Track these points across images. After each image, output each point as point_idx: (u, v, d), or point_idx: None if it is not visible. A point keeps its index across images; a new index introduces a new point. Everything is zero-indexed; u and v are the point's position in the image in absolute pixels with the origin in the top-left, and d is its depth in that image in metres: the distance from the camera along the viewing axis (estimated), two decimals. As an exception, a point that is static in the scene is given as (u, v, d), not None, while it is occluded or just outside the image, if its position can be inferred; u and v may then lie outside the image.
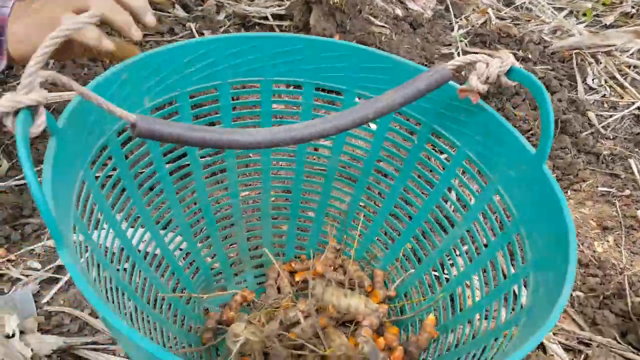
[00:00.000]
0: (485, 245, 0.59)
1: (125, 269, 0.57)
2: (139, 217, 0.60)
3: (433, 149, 0.64)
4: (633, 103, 1.38)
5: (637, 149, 1.28)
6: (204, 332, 0.69)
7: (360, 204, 0.74)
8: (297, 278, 0.73)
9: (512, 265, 0.57)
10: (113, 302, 0.50)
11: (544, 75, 1.36)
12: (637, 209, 1.11)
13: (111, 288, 0.51)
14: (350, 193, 0.73)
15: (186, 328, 0.68)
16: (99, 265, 0.50)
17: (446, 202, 0.66)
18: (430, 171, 0.65)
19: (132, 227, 0.59)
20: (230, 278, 0.77)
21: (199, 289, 0.73)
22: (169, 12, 1.45)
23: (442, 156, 0.66)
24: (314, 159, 0.78)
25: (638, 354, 0.83)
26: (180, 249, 0.69)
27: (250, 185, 0.81)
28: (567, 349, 0.85)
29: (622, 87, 1.45)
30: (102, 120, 0.49)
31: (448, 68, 0.53)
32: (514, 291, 0.53)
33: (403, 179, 0.67)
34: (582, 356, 0.84)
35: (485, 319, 0.56)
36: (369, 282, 0.70)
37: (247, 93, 0.65)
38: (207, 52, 0.57)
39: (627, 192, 1.17)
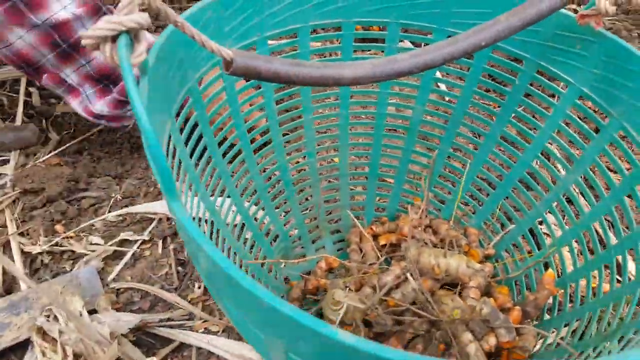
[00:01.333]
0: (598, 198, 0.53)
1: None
2: (219, 180, 0.55)
3: (537, 89, 0.57)
4: None
5: None
6: (290, 303, 0.64)
7: (447, 157, 0.68)
8: (382, 242, 0.68)
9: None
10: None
11: None
12: None
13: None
14: (437, 146, 0.67)
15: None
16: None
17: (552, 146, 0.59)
18: (533, 115, 0.58)
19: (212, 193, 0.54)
20: (309, 245, 0.72)
21: (278, 257, 0.69)
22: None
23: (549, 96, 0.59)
24: (396, 111, 0.72)
25: None
26: (257, 218, 0.65)
27: (326, 143, 0.75)
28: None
29: None
30: (188, 63, 0.44)
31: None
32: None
33: (500, 125, 0.61)
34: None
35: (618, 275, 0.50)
36: (465, 240, 0.64)
37: (327, 38, 0.59)
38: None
39: None
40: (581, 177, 0.55)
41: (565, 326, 0.52)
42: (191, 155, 0.49)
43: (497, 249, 0.65)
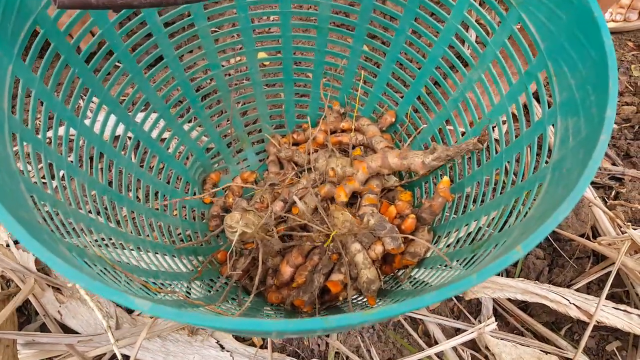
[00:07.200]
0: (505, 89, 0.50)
1: (101, 169, 0.51)
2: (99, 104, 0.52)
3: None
4: None
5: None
6: (210, 220, 0.65)
7: (362, 56, 0.63)
8: (301, 151, 0.67)
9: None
10: (92, 213, 0.45)
11: None
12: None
13: (95, 195, 0.46)
14: (349, 45, 0.63)
15: (189, 217, 0.64)
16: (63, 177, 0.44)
17: (462, 43, 0.55)
18: (439, 3, 0.53)
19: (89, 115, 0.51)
20: (229, 158, 0.71)
21: (196, 175, 0.68)
22: None
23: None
24: (301, 8, 0.66)
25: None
26: (163, 139, 0.62)
27: (231, 50, 0.70)
28: (598, 186, 0.79)
29: None
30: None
31: None
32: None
33: (408, 18, 0.56)
34: (613, 192, 0.78)
35: (505, 175, 0.49)
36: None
37: None
38: None
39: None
40: (484, 74, 0.52)
41: (455, 231, 0.53)
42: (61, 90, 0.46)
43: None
